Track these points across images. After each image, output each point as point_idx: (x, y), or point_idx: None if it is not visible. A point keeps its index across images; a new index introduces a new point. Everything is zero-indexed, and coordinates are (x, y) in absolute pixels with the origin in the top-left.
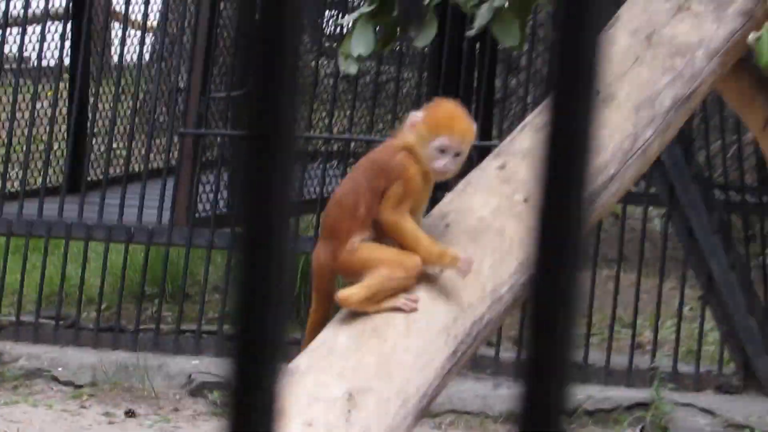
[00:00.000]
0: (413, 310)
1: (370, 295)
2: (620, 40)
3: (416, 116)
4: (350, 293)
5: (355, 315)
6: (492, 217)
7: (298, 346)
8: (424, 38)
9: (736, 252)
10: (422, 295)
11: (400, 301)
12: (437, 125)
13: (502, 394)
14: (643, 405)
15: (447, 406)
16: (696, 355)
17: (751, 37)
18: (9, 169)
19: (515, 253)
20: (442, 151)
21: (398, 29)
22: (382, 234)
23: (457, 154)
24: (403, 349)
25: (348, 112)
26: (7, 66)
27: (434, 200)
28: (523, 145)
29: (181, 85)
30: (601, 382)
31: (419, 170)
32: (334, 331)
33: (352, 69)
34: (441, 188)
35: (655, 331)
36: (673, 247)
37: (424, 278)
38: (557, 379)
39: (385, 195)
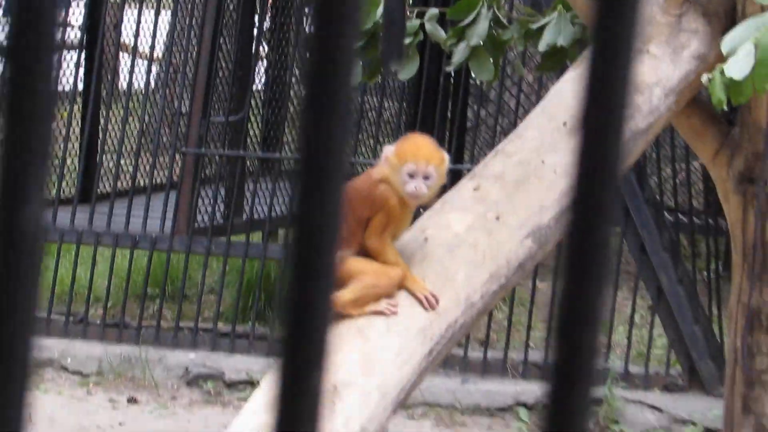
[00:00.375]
0: (394, 314)
1: (355, 298)
2: None
3: (389, 150)
4: (337, 296)
5: (341, 317)
6: (466, 233)
7: None
8: (407, 72)
9: (683, 267)
10: (402, 300)
11: (382, 305)
12: (404, 153)
13: (469, 389)
14: (597, 401)
15: (419, 399)
16: (645, 358)
17: (705, 78)
18: None
19: (487, 265)
20: (411, 175)
21: (382, 65)
22: (367, 252)
23: (426, 177)
24: (384, 348)
25: None
26: None
27: (415, 216)
28: (495, 170)
29: (184, 109)
30: None
31: (398, 200)
32: None
33: None
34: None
35: (609, 336)
36: (627, 262)
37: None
38: (584, 379)
39: (370, 223)
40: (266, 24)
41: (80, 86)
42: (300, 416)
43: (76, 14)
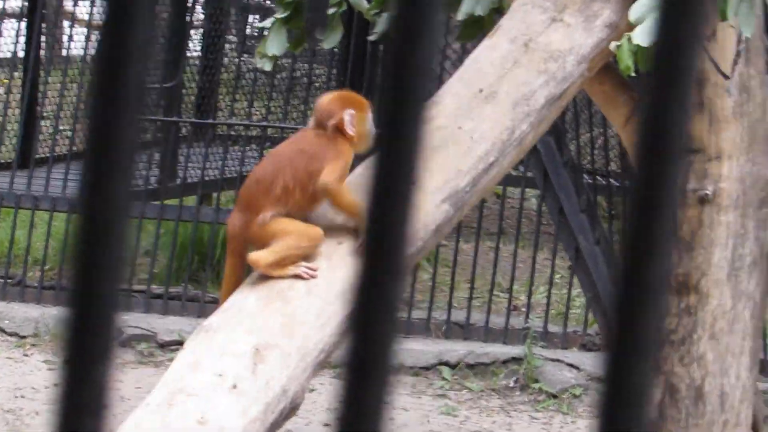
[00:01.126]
0: (313, 277)
1: (277, 259)
2: (501, 46)
3: (349, 113)
4: (259, 257)
5: (263, 279)
6: None
7: (216, 305)
8: (330, 41)
9: (601, 229)
10: (322, 263)
11: (301, 269)
12: (344, 102)
13: None
14: (517, 360)
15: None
16: (564, 317)
17: (613, 45)
18: None
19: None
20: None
21: (307, 32)
22: (293, 212)
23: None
24: (305, 311)
25: (266, 103)
26: None
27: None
28: None
29: None
30: (481, 339)
31: (350, 149)
32: (244, 294)
33: (267, 66)
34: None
35: (529, 296)
36: (546, 224)
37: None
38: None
39: (326, 170)
40: None
41: (21, 53)
42: (84, 412)
43: None
